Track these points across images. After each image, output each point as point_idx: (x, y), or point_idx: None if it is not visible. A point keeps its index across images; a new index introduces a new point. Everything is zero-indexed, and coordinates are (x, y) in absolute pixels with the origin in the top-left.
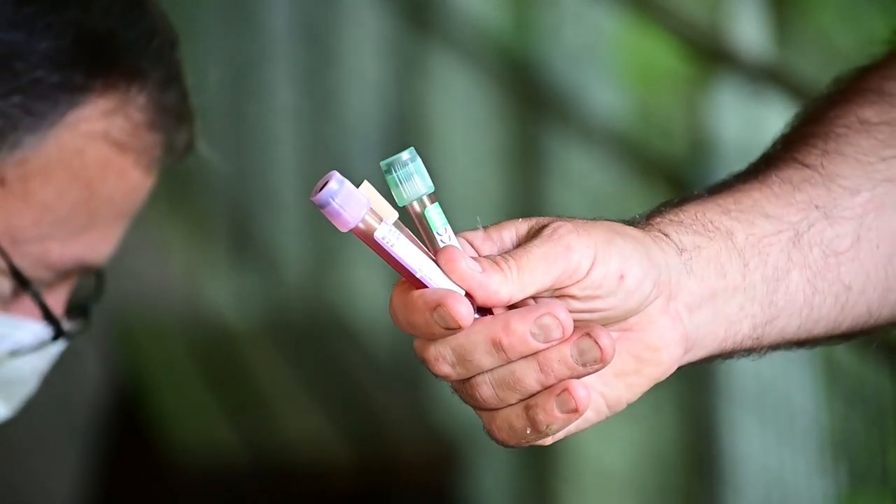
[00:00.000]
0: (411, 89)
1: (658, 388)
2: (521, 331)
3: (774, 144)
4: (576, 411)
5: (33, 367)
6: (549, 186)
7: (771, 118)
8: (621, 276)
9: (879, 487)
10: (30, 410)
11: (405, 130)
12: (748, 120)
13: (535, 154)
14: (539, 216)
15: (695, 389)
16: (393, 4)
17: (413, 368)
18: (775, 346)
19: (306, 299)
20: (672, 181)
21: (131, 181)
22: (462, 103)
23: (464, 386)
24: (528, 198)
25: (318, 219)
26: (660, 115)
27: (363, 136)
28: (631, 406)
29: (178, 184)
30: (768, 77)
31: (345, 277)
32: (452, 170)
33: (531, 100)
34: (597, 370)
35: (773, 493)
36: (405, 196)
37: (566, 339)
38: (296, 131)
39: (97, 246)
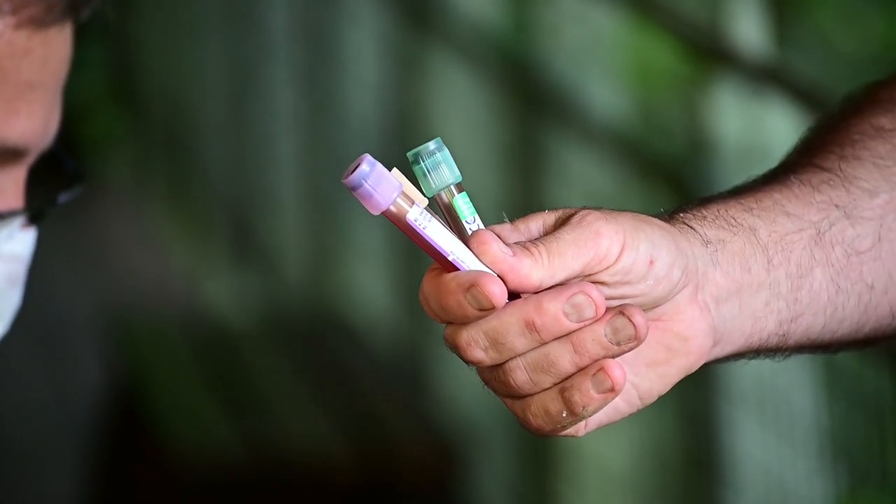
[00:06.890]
0: (411, 89)
1: None
2: (553, 310)
3: (791, 153)
4: (612, 391)
5: (5, 274)
6: (549, 186)
7: (771, 118)
8: (651, 262)
9: (879, 487)
10: (30, 410)
11: (405, 130)
12: (748, 120)
13: (535, 154)
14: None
15: (695, 389)
16: (393, 4)
17: (413, 368)
18: (800, 347)
19: (306, 299)
20: (672, 181)
21: (17, 46)
22: (462, 103)
23: (497, 372)
24: (527, 197)
25: (319, 219)
26: (660, 115)
27: (363, 136)
28: None
29: (177, 183)
30: (768, 77)
31: (345, 277)
32: None
33: (531, 100)
34: (631, 349)
35: (773, 494)
36: (433, 186)
37: (599, 319)
38: (296, 131)
39: (9, 122)
